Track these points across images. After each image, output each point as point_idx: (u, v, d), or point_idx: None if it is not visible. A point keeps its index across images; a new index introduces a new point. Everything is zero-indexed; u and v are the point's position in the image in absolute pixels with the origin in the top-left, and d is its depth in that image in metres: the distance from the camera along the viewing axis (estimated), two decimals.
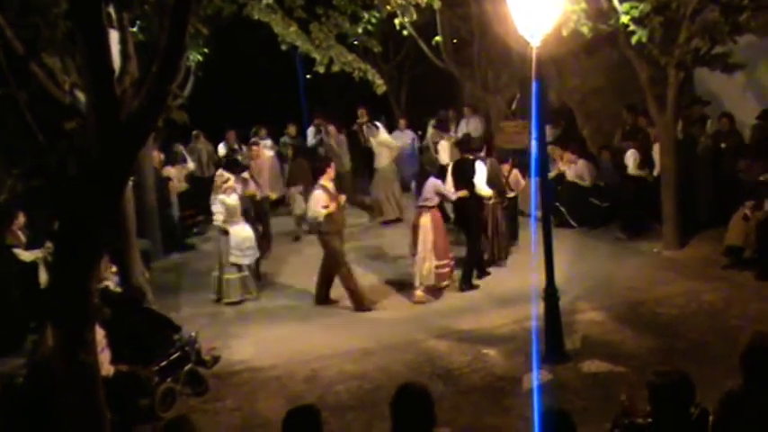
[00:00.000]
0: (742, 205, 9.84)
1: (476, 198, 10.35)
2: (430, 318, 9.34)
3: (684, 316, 8.58)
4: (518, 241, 11.64)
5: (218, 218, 10.37)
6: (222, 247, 10.39)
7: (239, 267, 10.38)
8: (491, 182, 10.43)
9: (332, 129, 15.45)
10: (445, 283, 9.99)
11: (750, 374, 4.00)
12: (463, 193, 10.18)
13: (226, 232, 10.33)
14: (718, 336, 7.80)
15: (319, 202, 9.65)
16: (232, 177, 10.66)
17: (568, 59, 14.03)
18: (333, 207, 9.68)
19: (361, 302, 9.77)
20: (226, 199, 10.35)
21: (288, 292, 10.79)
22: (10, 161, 4.82)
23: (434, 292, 9.96)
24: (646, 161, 11.92)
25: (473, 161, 10.39)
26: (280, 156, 15.92)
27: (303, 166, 13.82)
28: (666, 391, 3.92)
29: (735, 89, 12.16)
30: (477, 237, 10.41)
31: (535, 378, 6.85)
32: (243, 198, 10.97)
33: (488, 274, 10.61)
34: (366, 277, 10.76)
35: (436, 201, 9.99)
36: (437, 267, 9.83)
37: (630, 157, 12.02)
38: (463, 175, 10.31)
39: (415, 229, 9.99)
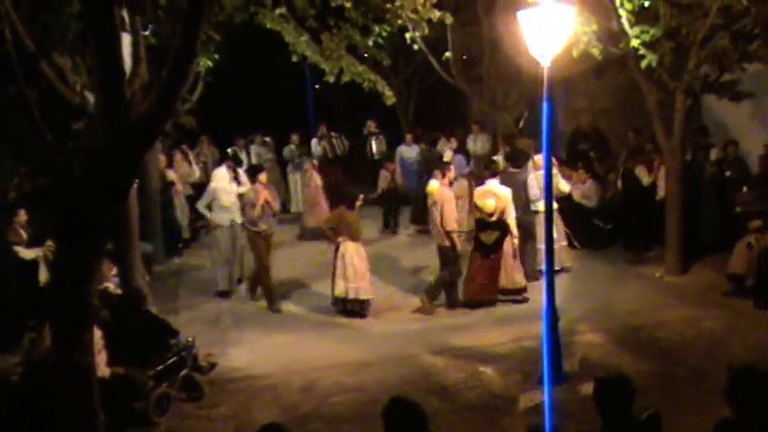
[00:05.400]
0: (746, 233, 9.82)
1: None
2: (428, 333, 9.31)
3: (684, 342, 8.54)
4: None
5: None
6: None
7: None
8: None
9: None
10: None
11: (737, 409, 3.99)
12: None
13: None
14: (717, 363, 7.73)
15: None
16: None
17: (577, 80, 14.05)
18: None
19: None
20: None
21: (285, 300, 10.76)
22: (17, 159, 4.84)
23: None
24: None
25: None
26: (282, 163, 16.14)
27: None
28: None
29: (742, 117, 12.16)
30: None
31: (546, 397, 6.77)
32: None
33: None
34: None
35: None
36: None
37: (641, 171, 12.14)
38: None
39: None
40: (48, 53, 4.77)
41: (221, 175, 11.55)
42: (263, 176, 10.86)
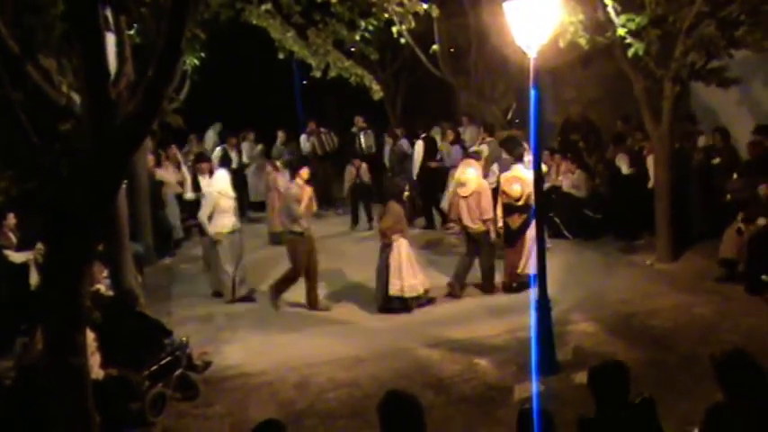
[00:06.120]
0: (735, 219, 9.86)
1: None
2: (422, 326, 9.32)
3: (677, 329, 8.58)
4: None
5: None
6: None
7: None
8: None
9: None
10: None
11: (728, 393, 4.04)
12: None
13: None
14: (710, 349, 7.72)
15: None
16: None
17: (564, 71, 14.08)
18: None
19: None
20: None
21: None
22: (4, 162, 4.80)
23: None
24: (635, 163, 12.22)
25: None
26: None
27: None
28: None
29: (730, 104, 12.21)
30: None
31: (534, 385, 6.81)
32: None
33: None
34: (356, 285, 10.72)
35: None
36: None
37: (621, 160, 12.33)
38: None
39: None
40: (32, 55, 4.73)
41: (222, 178, 10.84)
42: (304, 172, 10.41)
